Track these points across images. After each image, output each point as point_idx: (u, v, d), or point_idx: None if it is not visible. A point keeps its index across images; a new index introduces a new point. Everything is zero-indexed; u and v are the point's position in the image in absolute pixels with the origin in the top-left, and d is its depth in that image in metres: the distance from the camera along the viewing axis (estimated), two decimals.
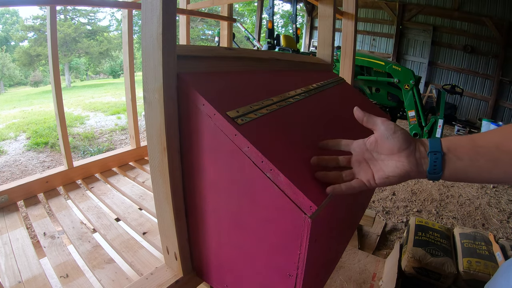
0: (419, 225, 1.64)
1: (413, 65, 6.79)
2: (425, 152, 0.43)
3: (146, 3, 0.54)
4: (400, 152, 0.44)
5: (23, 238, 0.99)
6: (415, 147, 0.44)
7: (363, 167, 0.49)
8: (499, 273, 0.45)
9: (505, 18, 5.50)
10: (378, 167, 0.47)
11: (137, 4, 1.51)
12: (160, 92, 0.57)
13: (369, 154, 0.49)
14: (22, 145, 3.71)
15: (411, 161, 0.43)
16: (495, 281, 0.45)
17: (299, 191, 0.47)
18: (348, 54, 1.51)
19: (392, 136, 0.45)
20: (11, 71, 16.57)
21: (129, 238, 1.00)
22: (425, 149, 0.43)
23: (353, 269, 1.49)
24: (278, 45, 5.31)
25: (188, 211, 0.69)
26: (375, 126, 0.48)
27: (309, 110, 0.80)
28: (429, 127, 3.25)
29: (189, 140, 0.62)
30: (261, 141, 0.53)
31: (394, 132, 0.45)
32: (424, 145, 0.44)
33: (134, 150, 1.71)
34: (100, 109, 5.98)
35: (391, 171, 0.45)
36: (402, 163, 0.44)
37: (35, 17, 16.13)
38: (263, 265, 0.57)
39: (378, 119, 0.48)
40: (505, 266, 0.45)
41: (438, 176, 0.42)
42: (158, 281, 0.73)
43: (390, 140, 0.45)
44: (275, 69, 0.95)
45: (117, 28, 19.75)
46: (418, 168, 0.43)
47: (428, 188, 2.71)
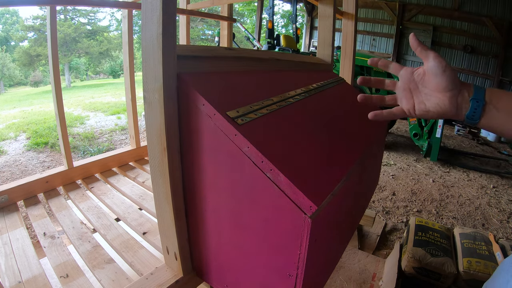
0: (419, 225, 1.64)
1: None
2: (468, 98, 0.44)
3: (146, 3, 0.54)
4: (445, 92, 0.45)
5: (23, 238, 0.99)
6: (460, 91, 0.45)
7: (406, 95, 0.50)
8: (498, 272, 0.45)
9: (505, 18, 5.50)
10: (420, 99, 0.48)
11: (137, 4, 1.51)
12: (160, 92, 0.57)
13: (414, 85, 0.49)
14: (22, 145, 3.71)
15: (453, 103, 0.45)
16: (494, 280, 0.45)
17: (299, 191, 0.47)
18: (348, 54, 1.51)
19: (441, 75, 0.45)
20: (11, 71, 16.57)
21: (129, 238, 1.00)
22: (468, 94, 0.45)
23: (353, 269, 1.49)
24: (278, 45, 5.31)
25: (188, 211, 0.69)
26: (426, 59, 0.48)
27: (309, 110, 0.80)
28: (429, 127, 3.25)
29: (189, 140, 0.62)
30: (261, 141, 0.53)
31: (444, 71, 0.45)
32: (469, 91, 0.45)
33: (134, 150, 1.71)
34: (100, 109, 5.98)
35: (432, 107, 0.46)
36: (444, 102, 0.45)
37: (35, 17, 16.14)
38: (263, 265, 0.57)
39: (431, 53, 0.48)
40: (504, 264, 0.45)
41: (475, 122, 0.44)
42: (158, 281, 0.73)
43: (438, 78, 0.46)
44: (275, 69, 0.95)
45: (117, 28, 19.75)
46: (458, 111, 0.45)
47: (428, 188, 2.71)
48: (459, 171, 3.20)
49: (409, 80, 0.50)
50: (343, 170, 0.63)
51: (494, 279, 0.46)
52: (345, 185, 0.63)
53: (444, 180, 2.93)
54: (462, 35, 6.11)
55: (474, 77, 6.17)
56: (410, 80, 0.50)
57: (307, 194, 0.47)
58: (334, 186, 0.56)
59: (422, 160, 3.42)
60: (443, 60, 0.46)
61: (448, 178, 2.98)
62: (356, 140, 0.82)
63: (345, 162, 0.67)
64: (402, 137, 4.44)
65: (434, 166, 3.27)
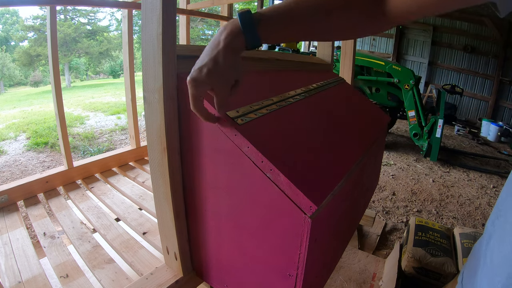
0: (419, 225, 1.64)
1: (413, 65, 6.78)
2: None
3: (146, 3, 0.55)
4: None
5: (23, 238, 0.99)
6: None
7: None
8: (471, 255, 0.46)
9: (505, 18, 5.49)
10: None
11: (137, 4, 1.52)
12: (160, 92, 0.57)
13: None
14: (22, 145, 3.71)
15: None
16: (468, 263, 0.45)
17: (299, 191, 0.47)
18: (348, 54, 1.51)
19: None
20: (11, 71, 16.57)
21: (129, 238, 1.00)
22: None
23: (353, 269, 1.49)
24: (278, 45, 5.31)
25: (188, 211, 0.69)
26: None
27: (309, 110, 0.80)
28: (429, 127, 3.25)
29: (189, 140, 0.62)
30: (261, 141, 0.53)
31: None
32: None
33: (134, 150, 1.71)
34: (100, 109, 5.98)
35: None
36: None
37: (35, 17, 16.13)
38: (263, 265, 0.57)
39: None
40: (476, 247, 0.45)
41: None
42: (158, 281, 0.73)
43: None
44: (275, 69, 0.95)
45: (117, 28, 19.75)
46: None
47: (428, 188, 2.71)
48: (459, 171, 3.20)
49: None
50: (343, 170, 0.63)
51: (468, 262, 0.46)
52: (345, 185, 0.63)
53: (444, 180, 2.93)
54: (462, 35, 6.11)
55: (474, 77, 6.17)
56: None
57: (307, 194, 0.47)
58: (334, 186, 0.56)
59: (422, 160, 3.42)
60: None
61: (448, 178, 2.98)
62: (356, 140, 0.82)
63: (345, 162, 0.67)
64: (402, 137, 4.44)
65: (434, 166, 3.27)
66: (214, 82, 0.45)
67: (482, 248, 0.42)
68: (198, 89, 0.45)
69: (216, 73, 0.44)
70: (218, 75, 0.44)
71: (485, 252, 0.40)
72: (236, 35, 0.43)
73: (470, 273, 0.43)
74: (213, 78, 0.44)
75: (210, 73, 0.44)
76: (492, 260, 0.37)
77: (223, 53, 0.43)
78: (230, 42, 0.44)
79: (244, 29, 0.43)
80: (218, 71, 0.44)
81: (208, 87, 0.46)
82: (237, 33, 0.43)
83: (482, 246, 0.42)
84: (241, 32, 0.43)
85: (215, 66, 0.44)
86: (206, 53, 0.45)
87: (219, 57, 0.43)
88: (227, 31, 0.44)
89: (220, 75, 0.44)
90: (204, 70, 0.44)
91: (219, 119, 0.54)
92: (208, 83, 0.45)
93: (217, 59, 0.43)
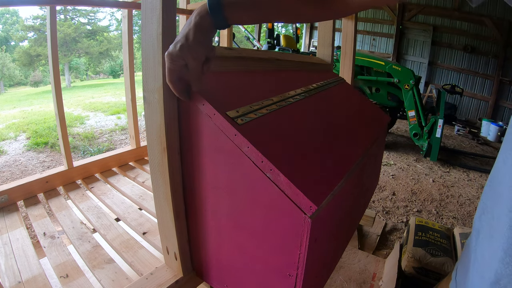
0: (419, 225, 1.64)
1: (413, 65, 6.79)
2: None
3: (146, 3, 0.55)
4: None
5: (23, 238, 0.99)
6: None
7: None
8: (464, 251, 0.47)
9: (505, 18, 5.50)
10: None
11: (137, 4, 1.52)
12: (160, 92, 0.57)
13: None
14: (22, 145, 3.71)
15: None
16: (461, 259, 0.46)
17: (299, 191, 0.47)
18: (348, 54, 1.51)
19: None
20: (11, 71, 16.57)
21: (129, 238, 1.00)
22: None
23: (353, 269, 1.49)
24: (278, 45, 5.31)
25: (188, 211, 0.69)
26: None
27: (309, 110, 0.80)
28: (429, 127, 3.25)
29: (189, 140, 0.62)
30: (261, 141, 0.53)
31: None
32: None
33: (134, 150, 1.71)
34: (100, 109, 5.98)
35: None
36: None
37: (35, 17, 16.14)
38: (263, 265, 0.57)
39: None
40: (467, 243, 0.46)
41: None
42: (158, 281, 0.73)
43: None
44: (275, 69, 0.95)
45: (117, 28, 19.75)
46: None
47: (428, 188, 2.71)
48: (459, 171, 3.20)
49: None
50: (343, 170, 0.63)
51: (461, 258, 0.47)
52: (345, 185, 0.63)
53: (444, 180, 2.93)
54: (462, 35, 6.11)
55: (474, 77, 6.17)
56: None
57: (307, 194, 0.47)
58: (334, 186, 0.56)
59: (422, 160, 3.43)
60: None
61: (448, 178, 2.98)
62: (356, 140, 0.83)
63: (345, 162, 0.67)
64: (402, 137, 4.44)
65: (434, 166, 3.27)
66: (185, 56, 0.50)
67: (472, 244, 0.42)
68: (173, 62, 0.50)
69: (187, 48, 0.49)
70: (189, 50, 0.49)
71: (475, 248, 0.40)
72: (204, 16, 0.50)
73: (463, 269, 0.43)
74: (184, 52, 0.49)
75: (182, 47, 0.49)
76: (483, 256, 0.37)
77: (192, 30, 0.49)
78: (198, 22, 0.50)
79: (211, 11, 0.49)
80: (189, 46, 0.49)
81: (181, 61, 0.50)
82: (205, 14, 0.50)
83: (472, 242, 0.42)
84: (209, 14, 0.50)
85: (186, 42, 0.49)
86: (181, 32, 0.51)
87: (189, 34, 0.49)
88: (196, 12, 0.50)
89: (191, 50, 0.49)
90: (178, 45, 0.49)
91: (192, 95, 0.57)
92: (180, 56, 0.49)
93: (188, 36, 0.49)
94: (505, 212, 0.33)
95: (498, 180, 0.37)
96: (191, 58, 0.50)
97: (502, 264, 0.32)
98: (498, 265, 0.32)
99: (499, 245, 0.33)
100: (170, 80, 0.53)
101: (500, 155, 0.37)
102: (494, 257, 0.33)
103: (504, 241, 0.32)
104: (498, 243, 0.33)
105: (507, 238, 0.32)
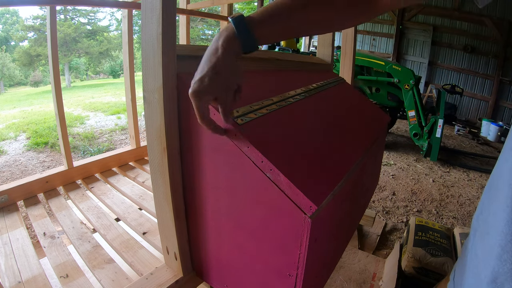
0: (419, 225, 1.64)
1: (413, 65, 6.78)
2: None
3: (146, 3, 0.55)
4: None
5: (23, 238, 0.99)
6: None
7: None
8: (462, 252, 0.46)
9: (505, 18, 5.49)
10: None
11: (137, 4, 1.52)
12: (160, 92, 0.57)
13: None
14: (22, 145, 3.71)
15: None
16: (459, 260, 0.46)
17: (299, 191, 0.47)
18: (348, 54, 1.51)
19: None
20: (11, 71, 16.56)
21: (129, 238, 1.00)
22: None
23: (353, 269, 1.49)
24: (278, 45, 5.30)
25: (188, 211, 0.69)
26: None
27: (309, 110, 0.80)
28: (429, 127, 3.25)
29: (189, 140, 0.62)
30: (261, 141, 0.53)
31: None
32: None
33: (134, 150, 1.71)
34: (100, 109, 5.98)
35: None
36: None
37: (35, 17, 16.13)
38: (263, 265, 0.57)
39: None
40: (465, 243, 0.46)
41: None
42: (158, 281, 0.73)
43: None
44: (275, 69, 0.95)
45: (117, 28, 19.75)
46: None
47: (428, 188, 2.71)
48: (459, 171, 3.20)
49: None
50: (343, 170, 0.63)
51: (458, 261, 0.46)
52: (345, 185, 0.63)
53: (444, 180, 2.93)
54: (462, 35, 6.11)
55: (474, 77, 6.17)
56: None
57: (307, 194, 0.47)
58: (334, 186, 0.56)
59: (422, 160, 3.42)
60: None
61: (448, 178, 2.98)
62: (356, 140, 0.82)
63: (345, 162, 0.67)
64: (402, 137, 4.44)
65: (434, 166, 3.27)
66: (217, 90, 0.44)
67: (468, 244, 0.42)
68: (202, 100, 0.45)
69: (218, 81, 0.44)
70: (221, 83, 0.44)
71: (471, 247, 0.40)
72: (233, 40, 0.44)
73: (461, 269, 0.43)
74: (215, 86, 0.44)
75: (212, 82, 0.43)
76: (477, 254, 0.37)
77: (222, 59, 0.43)
78: (227, 48, 0.44)
79: (239, 34, 0.44)
80: (219, 78, 0.44)
81: (211, 97, 0.45)
82: (233, 38, 0.44)
83: (469, 242, 0.42)
84: (237, 37, 0.44)
85: (216, 74, 0.43)
86: (205, 62, 0.44)
87: (219, 64, 0.43)
88: (223, 37, 0.44)
89: (222, 82, 0.44)
90: (206, 80, 0.43)
91: (226, 130, 0.52)
92: (211, 92, 0.44)
93: (217, 67, 0.43)
94: (502, 207, 0.32)
95: (498, 177, 0.36)
96: (223, 91, 0.45)
97: (500, 261, 0.31)
98: (495, 263, 0.32)
99: (496, 242, 0.32)
100: (203, 119, 0.47)
101: (502, 154, 0.37)
102: (491, 255, 0.33)
103: (501, 237, 0.31)
104: (495, 240, 0.32)
105: (505, 234, 0.31)
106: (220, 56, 0.43)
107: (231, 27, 0.44)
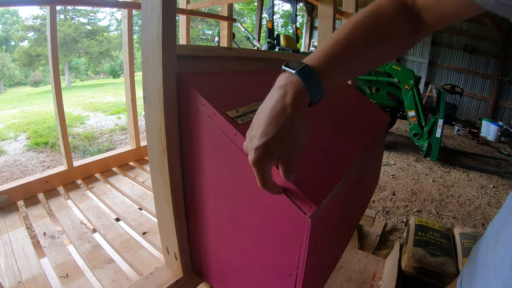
0: (419, 225, 1.64)
1: (413, 65, 6.79)
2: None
3: (146, 3, 0.54)
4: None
5: (23, 238, 0.99)
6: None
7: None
8: (470, 257, 0.46)
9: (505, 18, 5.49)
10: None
11: (137, 4, 1.52)
12: (160, 92, 0.57)
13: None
14: (22, 145, 3.71)
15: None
16: (467, 266, 0.46)
17: (299, 191, 0.47)
18: None
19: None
20: (11, 71, 16.57)
21: (129, 238, 1.00)
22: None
23: (353, 269, 1.49)
24: (278, 45, 5.31)
25: (188, 211, 0.69)
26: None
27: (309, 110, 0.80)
28: (429, 127, 3.25)
29: (189, 140, 0.62)
30: None
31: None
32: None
33: (134, 150, 1.71)
34: (100, 109, 5.98)
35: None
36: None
37: (35, 17, 16.14)
38: (263, 264, 0.57)
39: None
40: (474, 249, 0.45)
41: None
42: (158, 281, 0.73)
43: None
44: (275, 69, 0.95)
45: (117, 28, 19.75)
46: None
47: (428, 188, 2.71)
48: (459, 171, 3.20)
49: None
50: (343, 170, 0.62)
51: (466, 265, 0.46)
52: (345, 185, 0.63)
53: (444, 180, 2.93)
54: (462, 35, 6.11)
55: (474, 77, 6.18)
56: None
57: (307, 194, 0.47)
58: (334, 186, 0.56)
59: (422, 160, 3.43)
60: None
61: (448, 178, 2.98)
62: (356, 140, 0.82)
63: (345, 162, 0.67)
64: (402, 137, 4.44)
65: (434, 166, 3.27)
66: (286, 153, 0.39)
67: (480, 251, 0.41)
68: (267, 166, 0.38)
69: (286, 145, 0.37)
70: (290, 144, 0.38)
71: (482, 255, 0.39)
72: (304, 96, 0.38)
73: (469, 276, 0.42)
74: (285, 149, 0.38)
75: (282, 145, 0.37)
76: (487, 263, 0.37)
77: (296, 119, 0.37)
78: (299, 106, 0.37)
79: (309, 86, 0.38)
80: (290, 140, 0.37)
81: (276, 158, 0.39)
82: (304, 94, 0.38)
83: (480, 248, 0.42)
84: (307, 90, 0.38)
85: (286, 137, 0.37)
86: (269, 122, 0.37)
87: (291, 125, 0.37)
88: (291, 94, 0.37)
89: (293, 143, 0.38)
90: (273, 144, 0.36)
91: (287, 189, 0.48)
92: (278, 156, 0.38)
93: (288, 128, 0.37)
94: None
95: None
96: (292, 152, 0.39)
97: (511, 271, 0.31)
98: (507, 273, 0.32)
99: (509, 252, 0.32)
100: (266, 184, 0.40)
101: None
102: (503, 265, 0.33)
103: None
104: (508, 250, 0.32)
105: None
106: (292, 117, 0.37)
107: (296, 80, 0.38)
